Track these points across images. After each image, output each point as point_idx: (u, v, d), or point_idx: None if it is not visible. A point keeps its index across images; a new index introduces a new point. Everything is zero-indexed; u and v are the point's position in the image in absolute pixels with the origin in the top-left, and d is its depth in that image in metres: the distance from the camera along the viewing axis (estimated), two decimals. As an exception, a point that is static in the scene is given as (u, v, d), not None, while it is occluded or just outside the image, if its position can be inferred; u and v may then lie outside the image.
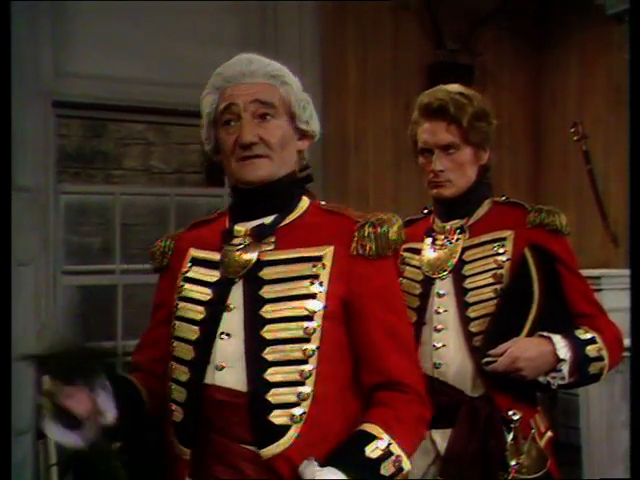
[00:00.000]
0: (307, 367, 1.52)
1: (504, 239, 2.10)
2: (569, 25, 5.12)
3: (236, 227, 1.65)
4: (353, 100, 4.80)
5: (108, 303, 4.60)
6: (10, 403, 2.02)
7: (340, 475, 1.43)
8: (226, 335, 1.56)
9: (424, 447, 1.96)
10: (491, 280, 2.07)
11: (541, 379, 2.01)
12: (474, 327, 2.05)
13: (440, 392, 1.98)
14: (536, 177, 5.39)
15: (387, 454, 1.49)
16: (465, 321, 2.06)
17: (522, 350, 1.97)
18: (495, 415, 2.00)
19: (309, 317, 1.53)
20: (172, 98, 4.20)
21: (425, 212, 2.29)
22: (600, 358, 2.03)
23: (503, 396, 2.01)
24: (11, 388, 2.04)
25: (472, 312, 2.06)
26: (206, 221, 1.78)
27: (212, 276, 1.63)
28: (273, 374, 1.51)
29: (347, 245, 1.59)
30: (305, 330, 1.53)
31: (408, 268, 2.20)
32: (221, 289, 1.60)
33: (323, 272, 1.56)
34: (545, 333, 2.01)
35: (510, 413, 1.96)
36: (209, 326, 1.58)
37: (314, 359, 1.52)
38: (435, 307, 2.11)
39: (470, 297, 2.07)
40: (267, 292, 1.56)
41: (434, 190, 2.16)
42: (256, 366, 1.52)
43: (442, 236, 2.17)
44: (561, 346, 1.99)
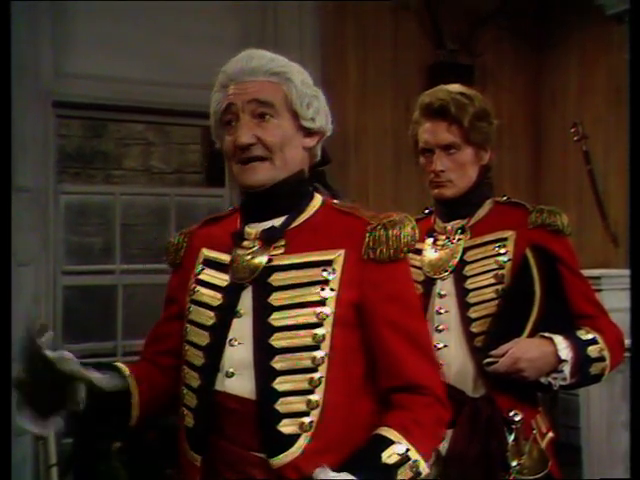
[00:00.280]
0: (317, 375, 1.48)
1: (505, 239, 2.10)
2: (569, 25, 5.11)
3: (247, 229, 1.61)
4: (353, 100, 4.78)
5: (108, 303, 4.59)
6: (10, 403, 2.01)
7: (354, 478, 1.37)
8: (235, 342, 1.53)
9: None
10: (492, 281, 2.07)
11: (542, 380, 2.00)
12: (475, 328, 2.05)
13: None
14: (536, 177, 5.38)
15: (404, 459, 1.44)
16: (466, 322, 2.06)
17: (523, 351, 1.97)
18: (496, 416, 2.00)
19: (318, 324, 1.50)
20: (172, 98, 4.20)
21: (426, 212, 2.29)
22: (601, 359, 2.03)
23: (504, 397, 2.01)
24: (11, 389, 2.03)
25: (473, 313, 2.06)
26: (219, 218, 1.76)
27: (223, 280, 1.60)
28: (282, 383, 1.48)
29: (358, 248, 1.54)
30: (314, 337, 1.49)
31: (409, 269, 2.20)
32: (231, 294, 1.57)
33: (333, 277, 1.52)
34: (546, 334, 2.00)
35: (511, 414, 1.97)
36: (219, 332, 1.55)
37: (324, 366, 1.49)
38: (436, 307, 2.10)
39: (471, 298, 2.07)
40: (276, 299, 1.53)
41: (435, 190, 2.16)
42: (264, 375, 1.49)
43: (443, 236, 2.17)
44: (563, 347, 1.98)
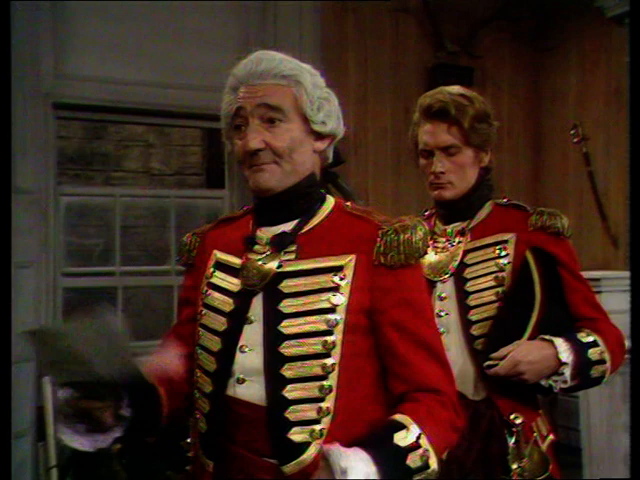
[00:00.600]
0: (327, 382, 1.47)
1: (506, 242, 2.09)
2: (569, 27, 5.12)
3: (258, 233, 1.61)
4: (353, 101, 4.78)
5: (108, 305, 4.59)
6: (10, 405, 2.01)
7: (364, 455, 1.34)
8: (246, 348, 1.53)
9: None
10: (492, 283, 2.06)
11: (543, 383, 1.99)
12: (475, 330, 2.05)
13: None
14: (536, 179, 5.38)
15: (416, 446, 1.41)
16: (466, 324, 2.05)
17: (524, 354, 1.96)
18: (497, 419, 2.00)
19: (329, 331, 1.48)
20: (172, 100, 4.21)
21: (425, 214, 2.28)
22: (602, 361, 2.02)
23: (505, 400, 2.01)
24: (11, 390, 2.03)
25: (473, 315, 2.06)
26: (232, 219, 1.75)
27: (234, 285, 1.59)
28: (292, 391, 1.47)
29: (369, 253, 1.52)
30: (325, 345, 1.48)
31: (409, 271, 2.19)
32: (242, 300, 1.56)
33: (344, 283, 1.50)
34: (547, 336, 1.99)
35: (512, 417, 1.96)
36: (230, 338, 1.54)
37: (334, 374, 1.47)
38: (436, 310, 2.08)
39: (471, 300, 2.07)
40: (286, 306, 1.51)
41: (435, 192, 2.15)
42: (274, 382, 1.48)
43: (443, 239, 2.17)
44: (563, 349, 1.97)
